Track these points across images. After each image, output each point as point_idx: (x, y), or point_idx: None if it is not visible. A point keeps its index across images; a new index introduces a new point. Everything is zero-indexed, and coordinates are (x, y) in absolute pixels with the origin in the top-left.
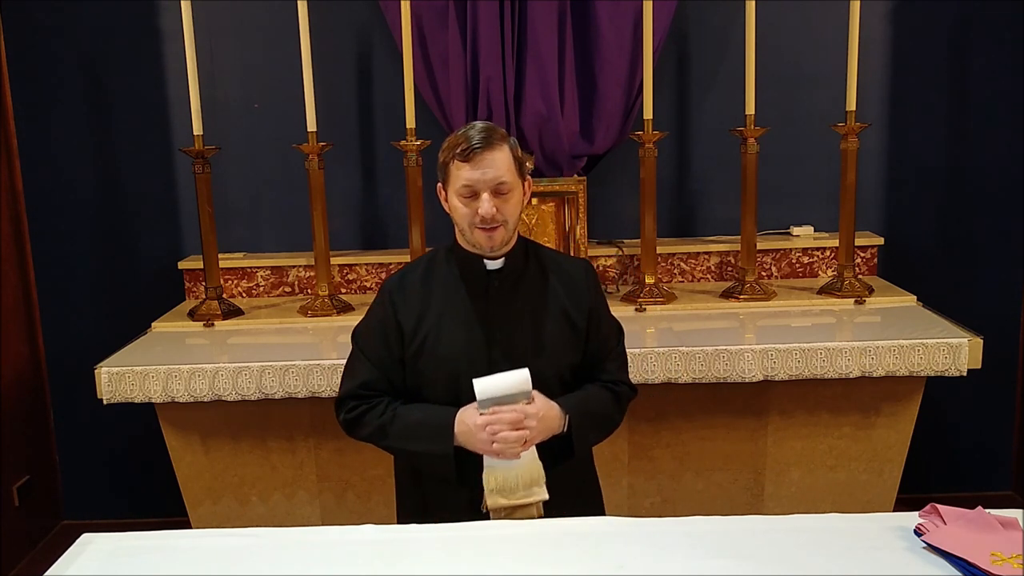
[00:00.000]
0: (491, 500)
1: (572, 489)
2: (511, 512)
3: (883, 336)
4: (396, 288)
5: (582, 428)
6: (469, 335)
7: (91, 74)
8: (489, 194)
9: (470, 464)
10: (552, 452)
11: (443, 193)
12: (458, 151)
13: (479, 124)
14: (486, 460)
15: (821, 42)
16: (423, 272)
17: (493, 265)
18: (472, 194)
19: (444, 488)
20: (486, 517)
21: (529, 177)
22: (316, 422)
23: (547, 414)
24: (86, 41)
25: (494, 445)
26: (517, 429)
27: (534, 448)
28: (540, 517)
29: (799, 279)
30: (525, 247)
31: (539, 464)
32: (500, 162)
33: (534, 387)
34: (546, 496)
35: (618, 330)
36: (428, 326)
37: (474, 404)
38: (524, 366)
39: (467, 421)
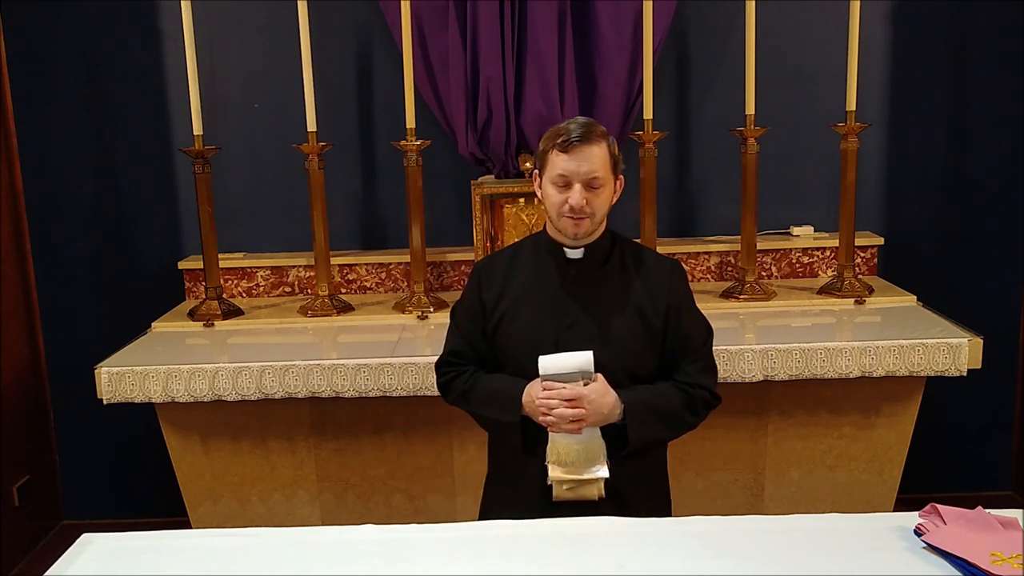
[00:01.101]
0: (552, 472)
1: (639, 489)
2: (574, 487)
3: (883, 336)
4: (484, 267)
5: (638, 419)
6: (542, 318)
7: (91, 74)
8: (581, 186)
9: (539, 436)
10: (612, 443)
11: (537, 180)
12: (558, 141)
13: (581, 119)
14: (550, 433)
15: (821, 42)
16: (510, 256)
17: (574, 255)
18: (566, 184)
19: (523, 463)
20: (550, 491)
21: (622, 176)
22: (316, 422)
23: (600, 399)
24: (86, 41)
25: (546, 418)
26: (572, 408)
27: (597, 428)
28: (601, 497)
29: (799, 279)
30: (612, 241)
31: (601, 443)
32: (596, 157)
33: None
34: (607, 474)
35: (705, 332)
36: (506, 304)
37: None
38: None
39: (531, 393)
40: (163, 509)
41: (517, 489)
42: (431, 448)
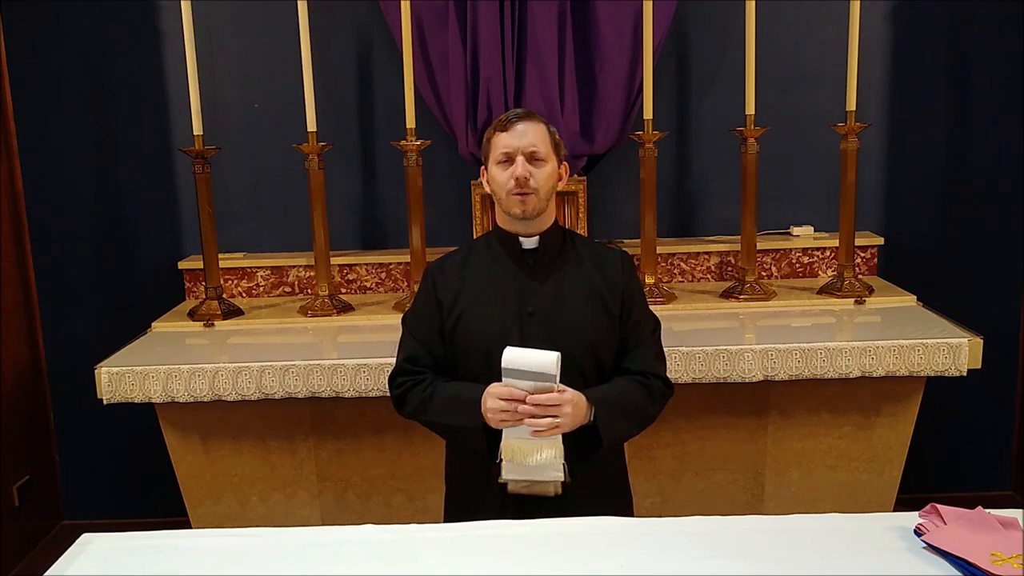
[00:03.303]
0: (506, 471)
1: (600, 490)
2: (530, 485)
3: (883, 336)
4: (437, 268)
5: (608, 417)
6: (503, 310)
7: (91, 74)
8: (523, 159)
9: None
10: (581, 444)
11: (485, 175)
12: (498, 123)
13: (520, 108)
14: (504, 432)
15: (821, 42)
16: (464, 254)
17: (528, 244)
18: (508, 159)
19: (481, 472)
20: (505, 489)
21: (565, 163)
22: (316, 422)
23: (578, 402)
24: (86, 41)
25: (501, 417)
26: (551, 413)
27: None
28: (558, 494)
29: (799, 279)
30: (563, 233)
31: (559, 445)
32: (535, 132)
33: (566, 364)
34: (562, 477)
35: (654, 320)
36: (465, 301)
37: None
38: (555, 342)
39: (486, 400)
40: (163, 509)
41: (476, 501)
42: (431, 448)
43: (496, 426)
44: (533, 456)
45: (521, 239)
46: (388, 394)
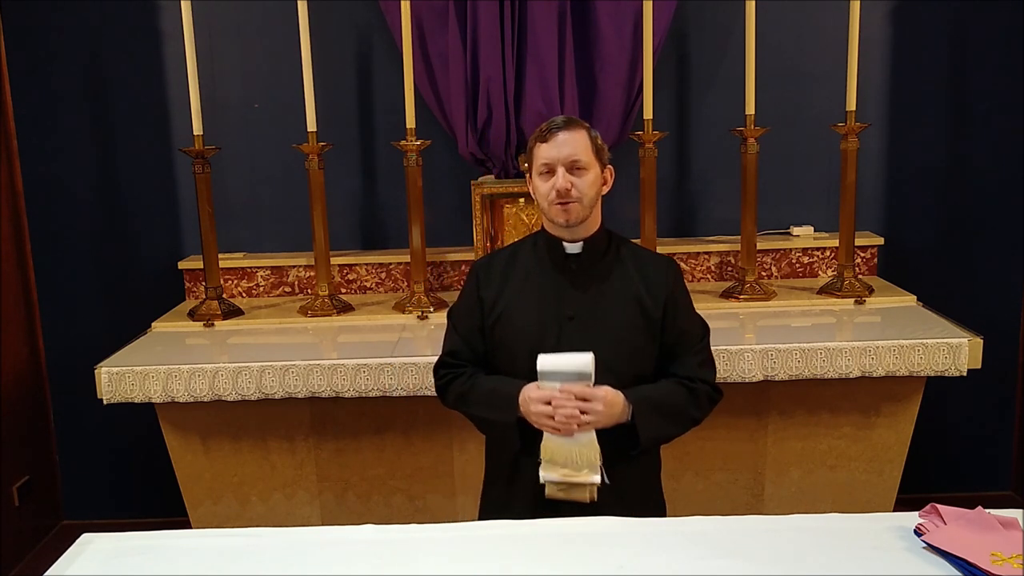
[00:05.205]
0: (544, 472)
1: (634, 493)
2: (566, 489)
3: (883, 336)
4: (483, 266)
5: (646, 417)
6: (542, 311)
7: (91, 74)
8: (564, 169)
9: (538, 436)
10: (620, 443)
11: (530, 181)
12: (539, 133)
13: (562, 115)
14: (545, 433)
15: (821, 42)
16: (509, 254)
17: (572, 249)
18: (550, 171)
19: (518, 465)
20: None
21: (611, 167)
22: (316, 422)
23: (613, 399)
24: (86, 41)
25: (540, 419)
26: (582, 408)
27: (593, 431)
28: (593, 501)
29: (799, 279)
30: (609, 237)
31: (596, 447)
32: (575, 141)
33: (602, 369)
34: (598, 481)
35: (702, 327)
36: (506, 300)
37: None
38: (593, 346)
39: (527, 395)
40: (163, 509)
41: (512, 492)
42: (431, 448)
43: (538, 427)
44: (573, 456)
45: (565, 244)
46: (387, 394)
